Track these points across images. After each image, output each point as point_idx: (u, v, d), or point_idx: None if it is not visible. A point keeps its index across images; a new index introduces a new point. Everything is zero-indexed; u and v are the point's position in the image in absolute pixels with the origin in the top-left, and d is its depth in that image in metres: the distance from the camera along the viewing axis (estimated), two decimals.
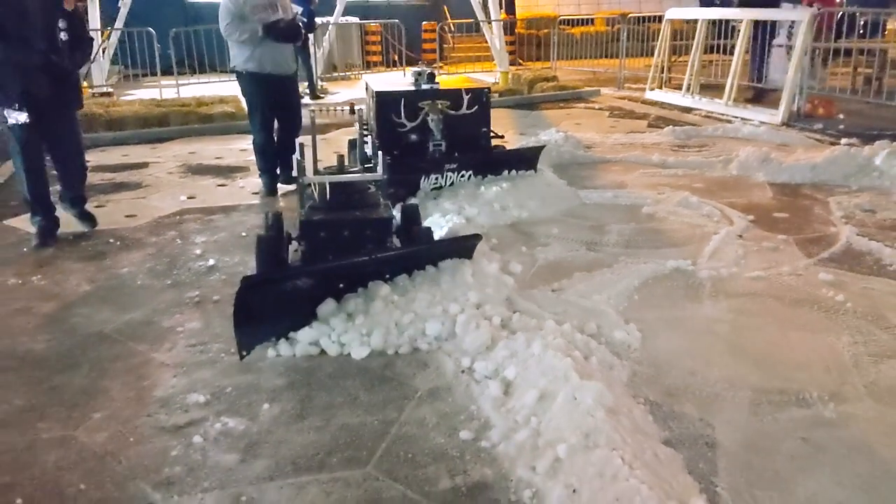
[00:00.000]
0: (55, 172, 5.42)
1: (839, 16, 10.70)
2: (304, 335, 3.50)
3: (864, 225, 5.35)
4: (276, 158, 6.66)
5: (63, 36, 4.92)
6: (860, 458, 2.68)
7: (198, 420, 2.98)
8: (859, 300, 4.03)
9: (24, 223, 5.46)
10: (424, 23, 19.08)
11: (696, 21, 11.71)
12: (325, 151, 7.68)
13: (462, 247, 4.06)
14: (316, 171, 4.60)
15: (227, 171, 7.66)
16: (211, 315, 4.03)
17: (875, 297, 4.08)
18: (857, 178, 6.53)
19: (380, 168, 4.37)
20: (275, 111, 6.55)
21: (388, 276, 3.77)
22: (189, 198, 6.59)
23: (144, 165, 8.02)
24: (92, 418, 3.01)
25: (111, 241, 5.33)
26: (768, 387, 3.16)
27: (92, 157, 8.18)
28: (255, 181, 6.92)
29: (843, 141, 7.91)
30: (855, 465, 2.64)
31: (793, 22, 10.17)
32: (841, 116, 9.60)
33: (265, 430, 2.90)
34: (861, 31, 12.55)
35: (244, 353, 3.42)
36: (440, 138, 5.90)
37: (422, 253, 3.98)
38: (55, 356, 3.58)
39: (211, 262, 4.85)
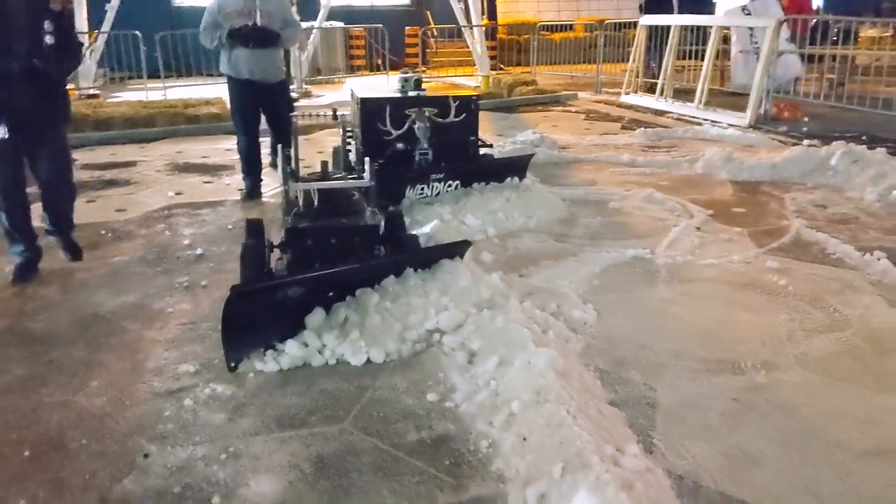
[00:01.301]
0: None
1: (813, 23, 11.14)
2: (293, 348, 3.41)
3: (814, 219, 5.71)
4: (259, 163, 6.74)
5: (49, 39, 4.29)
6: (783, 416, 3.00)
7: (188, 386, 3.26)
8: (801, 284, 4.37)
9: None
10: (408, 28, 19.41)
11: (669, 27, 12.09)
12: (308, 151, 8.00)
13: (453, 253, 4.08)
14: (298, 177, 4.48)
15: (213, 170, 7.92)
16: (200, 298, 4.31)
17: (816, 282, 4.42)
18: (813, 176, 6.90)
19: (367, 174, 4.29)
20: (258, 116, 6.62)
21: (378, 283, 3.77)
22: (177, 194, 6.85)
23: (133, 164, 8.27)
24: (90, 386, 3.29)
25: (103, 232, 5.59)
26: (709, 357, 3.48)
27: (80, 156, 8.47)
28: (240, 179, 7.16)
29: (805, 142, 8.26)
30: (778, 422, 2.96)
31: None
32: (805, 119, 10.00)
33: (251, 394, 3.18)
34: (834, 39, 13.03)
35: (232, 364, 3.35)
36: (427, 147, 5.77)
37: (416, 259, 3.96)
38: (53, 334, 3.85)
39: (199, 251, 5.12)
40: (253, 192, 6.66)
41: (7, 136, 4.26)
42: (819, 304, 4.10)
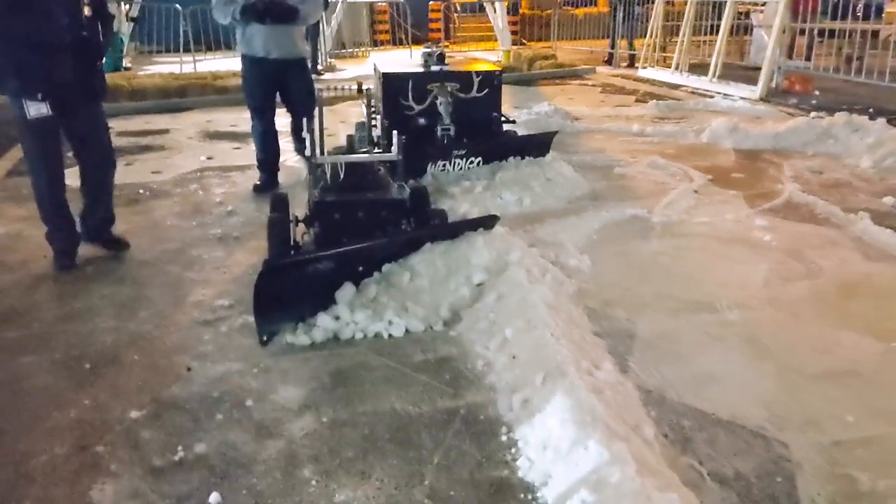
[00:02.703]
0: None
1: None
2: (325, 322, 3.44)
3: (808, 183, 6.01)
4: (276, 153, 6.18)
5: (87, 11, 4.16)
6: (747, 346, 3.38)
7: (224, 317, 3.71)
8: (784, 240, 4.71)
9: None
10: (431, 3, 19.67)
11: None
12: (330, 120, 8.39)
13: (481, 226, 4.00)
14: (323, 152, 4.43)
15: (241, 137, 8.33)
16: (232, 247, 4.75)
17: (799, 238, 4.75)
18: (814, 144, 7.17)
19: (394, 148, 4.25)
20: (274, 97, 6.02)
21: (406, 257, 3.75)
22: (208, 158, 7.30)
23: (166, 131, 8.75)
24: (139, 315, 3.75)
25: (141, 191, 6.06)
26: (688, 299, 3.86)
27: (116, 125, 8.92)
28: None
29: (812, 114, 8.50)
30: (742, 350, 3.34)
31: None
32: (816, 93, 10.20)
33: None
34: (859, 14, 13.14)
35: (265, 338, 3.39)
36: (449, 122, 5.70)
37: (444, 233, 3.90)
38: (103, 275, 4.32)
39: (230, 208, 5.56)
40: (267, 185, 6.04)
41: (50, 114, 4.10)
42: (798, 256, 4.44)
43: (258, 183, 6.10)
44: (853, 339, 3.45)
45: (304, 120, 4.22)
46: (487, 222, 4.04)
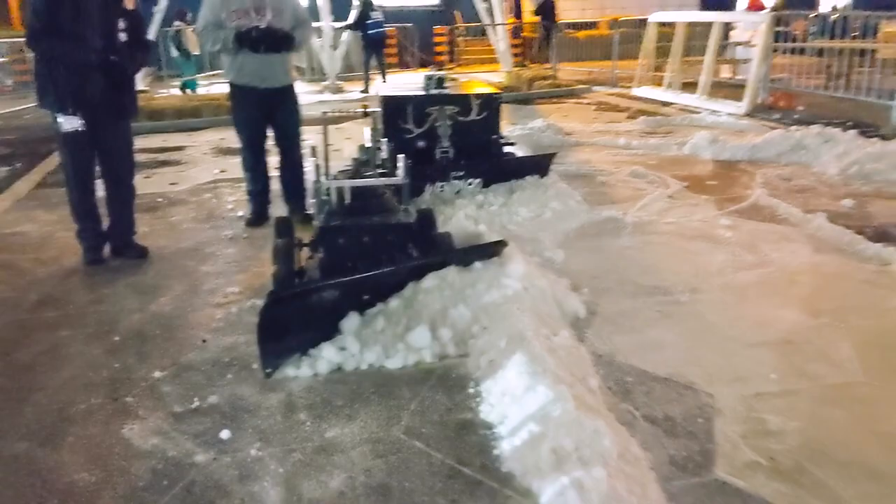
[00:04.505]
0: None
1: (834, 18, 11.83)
2: (330, 353, 3.38)
3: (776, 189, 6.47)
4: (267, 181, 5.98)
5: (122, 36, 4.58)
6: (693, 321, 3.83)
7: (234, 300, 4.21)
8: (743, 236, 5.17)
9: None
10: (436, 27, 20.35)
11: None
12: (336, 137, 8.91)
13: (489, 253, 3.92)
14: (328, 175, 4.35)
15: None
16: (242, 245, 5.26)
17: (756, 235, 5.21)
18: (787, 155, 7.63)
19: (400, 171, 4.16)
20: (266, 128, 5.84)
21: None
22: (221, 171, 7.85)
23: (182, 148, 9.34)
24: (160, 300, 4.26)
25: (160, 200, 6.60)
26: (647, 284, 4.32)
27: (136, 143, 9.32)
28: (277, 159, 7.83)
29: (793, 128, 8.91)
30: (688, 325, 3.80)
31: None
32: (800, 108, 10.67)
33: None
34: (855, 34, 13.68)
35: (269, 370, 3.29)
36: (448, 145, 5.83)
37: (452, 261, 3.77)
38: (127, 268, 4.84)
39: (240, 213, 6.08)
40: (260, 216, 5.83)
41: (83, 128, 4.56)
42: (753, 250, 4.90)
43: (249, 216, 5.86)
44: (791, 316, 3.90)
45: (311, 146, 4.19)
46: (495, 248, 3.95)
